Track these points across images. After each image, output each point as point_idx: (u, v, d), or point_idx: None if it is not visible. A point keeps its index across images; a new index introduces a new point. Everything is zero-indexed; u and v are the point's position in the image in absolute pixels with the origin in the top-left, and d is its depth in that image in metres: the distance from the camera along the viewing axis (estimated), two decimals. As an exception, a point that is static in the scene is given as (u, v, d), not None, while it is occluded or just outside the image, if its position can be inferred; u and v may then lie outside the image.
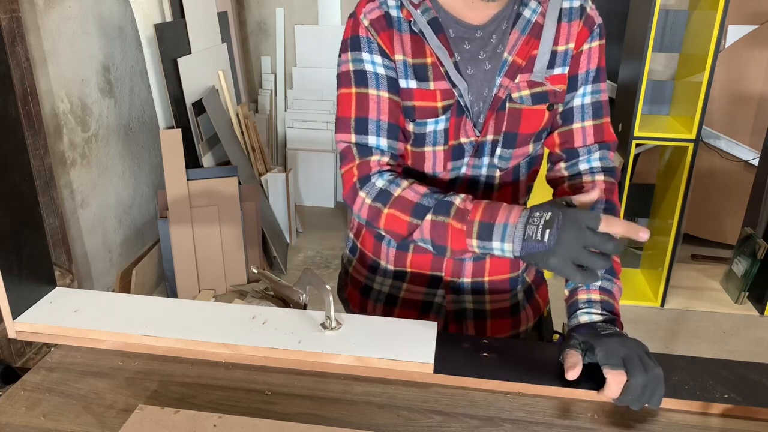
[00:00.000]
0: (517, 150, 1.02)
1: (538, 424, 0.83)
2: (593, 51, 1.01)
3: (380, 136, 0.98)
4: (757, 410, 0.85)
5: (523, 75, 0.98)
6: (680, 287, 3.16)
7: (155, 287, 3.05)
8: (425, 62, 0.97)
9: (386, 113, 0.98)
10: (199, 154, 3.00)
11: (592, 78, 1.02)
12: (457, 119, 0.98)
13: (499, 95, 0.97)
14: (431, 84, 0.97)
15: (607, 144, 1.04)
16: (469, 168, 1.02)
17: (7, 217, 0.95)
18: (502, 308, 1.14)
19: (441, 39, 0.96)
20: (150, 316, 1.00)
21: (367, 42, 0.97)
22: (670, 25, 2.78)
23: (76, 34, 2.54)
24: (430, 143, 1.00)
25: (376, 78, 0.98)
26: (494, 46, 0.98)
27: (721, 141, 3.39)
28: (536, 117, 1.00)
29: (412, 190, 0.94)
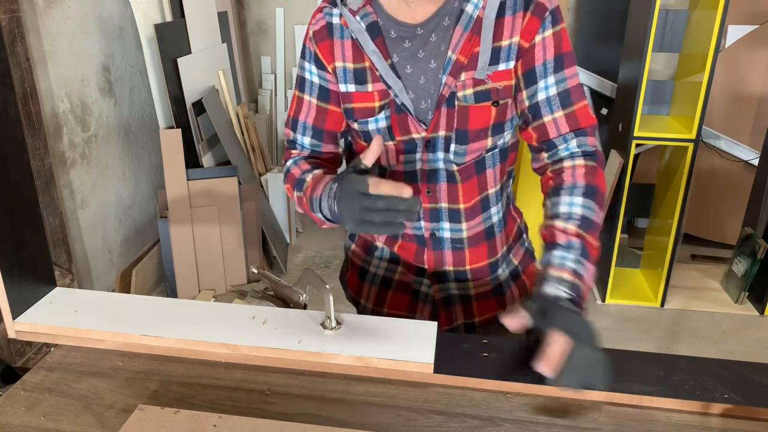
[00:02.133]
0: (472, 145, 1.04)
1: (538, 424, 0.83)
2: (547, 41, 0.98)
3: (305, 136, 1.12)
4: (757, 410, 0.85)
5: (468, 73, 0.99)
6: (680, 287, 3.16)
7: (155, 287, 3.05)
8: (364, 66, 1.03)
9: (312, 118, 1.11)
10: (199, 154, 3.00)
11: (552, 69, 0.99)
12: (399, 116, 1.03)
13: (443, 93, 1.00)
14: (369, 86, 1.03)
15: (583, 130, 1.02)
16: (425, 162, 1.06)
17: (7, 217, 0.95)
18: (485, 291, 1.18)
19: (378, 42, 1.01)
20: (150, 316, 1.00)
21: (309, 52, 1.07)
22: (670, 25, 2.78)
23: (76, 34, 2.54)
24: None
25: (310, 86, 1.09)
26: (436, 44, 0.99)
27: (721, 141, 3.39)
28: (483, 113, 1.01)
29: (299, 168, 1.09)
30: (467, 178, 1.07)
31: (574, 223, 0.96)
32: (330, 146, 1.14)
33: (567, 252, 0.93)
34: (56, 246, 2.38)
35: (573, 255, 0.93)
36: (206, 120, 3.03)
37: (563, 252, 0.93)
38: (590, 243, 0.95)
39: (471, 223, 1.10)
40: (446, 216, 1.09)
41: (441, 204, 1.09)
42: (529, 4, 0.96)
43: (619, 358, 0.93)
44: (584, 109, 1.03)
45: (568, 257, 0.93)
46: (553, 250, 0.95)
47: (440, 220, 1.10)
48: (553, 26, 0.98)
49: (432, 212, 1.09)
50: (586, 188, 0.99)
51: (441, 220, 1.10)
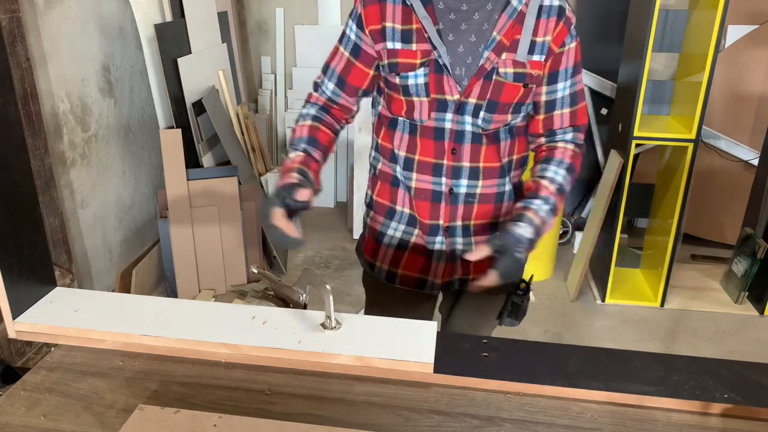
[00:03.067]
0: (497, 116, 1.20)
1: (538, 424, 0.83)
2: (572, 51, 1.21)
3: (330, 81, 1.28)
4: (757, 410, 0.85)
5: (509, 54, 1.16)
6: (680, 287, 3.16)
7: (155, 287, 3.05)
8: (411, 28, 1.17)
9: (341, 67, 1.27)
10: (199, 154, 3.00)
11: (570, 74, 1.22)
12: (437, 76, 1.17)
13: (485, 66, 1.16)
14: (414, 45, 1.17)
15: (578, 127, 1.27)
16: (454, 123, 1.21)
17: (7, 217, 0.95)
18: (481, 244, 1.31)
19: (428, 10, 1.15)
20: (150, 316, 1.00)
21: (355, 12, 1.22)
22: (670, 25, 2.78)
23: (76, 34, 2.54)
24: (414, 94, 1.20)
25: (347, 40, 1.25)
26: (479, 22, 1.16)
27: (721, 141, 3.39)
28: (514, 91, 1.19)
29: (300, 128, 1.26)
30: (490, 143, 1.23)
31: (554, 186, 1.21)
32: (349, 98, 1.29)
33: (544, 204, 1.18)
34: (56, 246, 2.38)
35: (547, 207, 1.18)
36: (206, 120, 3.03)
37: (541, 203, 1.18)
38: (559, 205, 1.21)
39: (486, 182, 1.25)
40: (466, 173, 1.24)
41: (463, 163, 1.23)
42: (561, 15, 1.17)
43: (619, 358, 0.94)
44: (583, 109, 1.27)
45: (543, 208, 1.18)
46: (536, 198, 1.19)
47: (460, 177, 1.24)
48: (575, 39, 1.20)
49: (454, 169, 1.23)
50: (569, 166, 1.24)
51: (461, 177, 1.24)
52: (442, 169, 1.24)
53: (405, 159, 1.27)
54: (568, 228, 3.65)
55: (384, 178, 1.33)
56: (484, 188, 1.26)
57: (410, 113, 1.23)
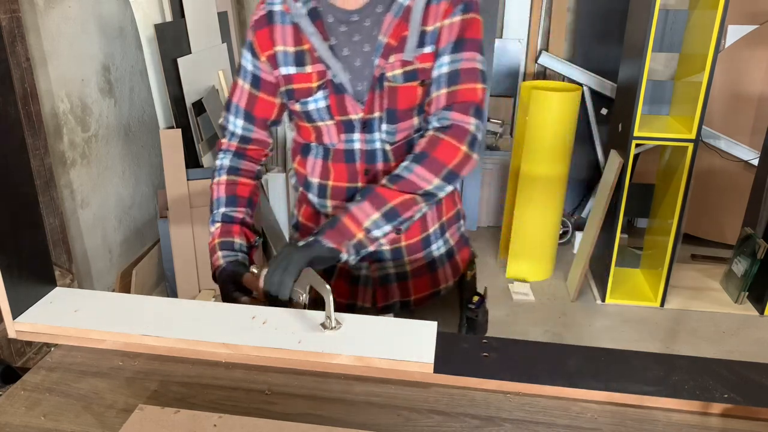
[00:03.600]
0: (401, 124, 1.12)
1: (538, 424, 0.83)
2: (454, 25, 1.06)
3: (237, 117, 1.21)
4: (757, 410, 0.85)
5: (397, 55, 1.08)
6: (680, 287, 3.16)
7: (155, 287, 3.05)
8: (303, 49, 1.11)
9: (244, 102, 1.19)
10: (199, 154, 3.00)
11: (450, 49, 1.06)
12: (337, 96, 1.11)
13: (375, 75, 1.09)
14: (308, 67, 1.11)
15: (453, 105, 1.07)
16: (363, 143, 1.14)
17: (7, 217, 0.95)
18: (420, 266, 1.25)
19: (318, 26, 1.09)
20: (150, 316, 1.00)
21: (248, 43, 1.16)
22: (670, 25, 2.78)
23: (76, 34, 2.54)
24: (318, 119, 1.14)
25: (245, 72, 1.18)
26: (369, 29, 1.08)
27: (721, 141, 3.39)
28: (410, 93, 1.09)
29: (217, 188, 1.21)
30: (399, 158, 1.13)
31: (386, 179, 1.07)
32: (261, 132, 1.23)
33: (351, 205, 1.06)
34: (56, 246, 2.38)
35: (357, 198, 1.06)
36: (206, 120, 3.03)
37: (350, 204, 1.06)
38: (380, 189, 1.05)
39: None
40: None
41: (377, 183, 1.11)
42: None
43: (619, 358, 0.94)
44: (469, 90, 1.07)
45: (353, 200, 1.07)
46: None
47: None
48: (463, 13, 1.06)
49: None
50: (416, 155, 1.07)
51: None
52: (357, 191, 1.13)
53: (318, 186, 1.20)
54: (568, 228, 3.65)
55: (306, 202, 1.26)
56: None
57: (320, 138, 1.17)
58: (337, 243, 1.03)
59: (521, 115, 3.25)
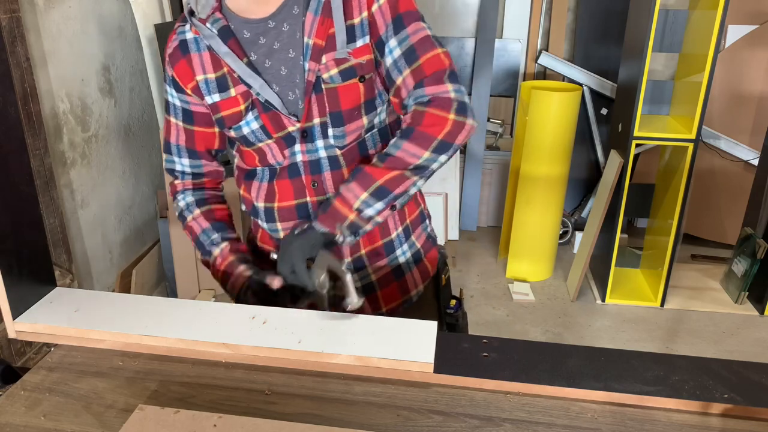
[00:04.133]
0: (349, 126, 1.06)
1: (538, 424, 0.83)
2: (383, 8, 1.00)
3: (181, 157, 1.16)
4: (757, 410, 0.85)
5: (328, 54, 1.01)
6: (680, 287, 3.16)
7: (155, 287, 3.05)
8: (224, 72, 1.04)
9: (183, 139, 1.14)
10: (199, 154, 3.00)
11: (392, 31, 1.00)
12: (269, 114, 1.04)
13: (309, 80, 1.01)
14: (232, 91, 1.04)
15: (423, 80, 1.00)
16: (305, 154, 1.07)
17: (7, 217, 0.95)
18: (385, 275, 1.18)
19: (231, 44, 1.01)
20: (150, 316, 1.00)
21: (168, 76, 1.11)
22: (670, 25, 2.78)
23: (76, 34, 2.54)
24: (256, 141, 1.08)
25: (174, 108, 1.12)
26: (290, 33, 1.01)
27: (721, 141, 3.39)
28: (352, 92, 1.03)
29: (196, 223, 1.16)
30: (351, 161, 1.08)
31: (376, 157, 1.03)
32: (209, 164, 1.18)
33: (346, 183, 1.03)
34: (56, 246, 2.38)
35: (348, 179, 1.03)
36: (206, 120, 3.03)
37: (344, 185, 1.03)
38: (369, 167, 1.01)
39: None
40: None
41: (328, 194, 1.09)
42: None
43: (619, 358, 0.94)
44: (433, 59, 1.00)
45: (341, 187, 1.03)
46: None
47: None
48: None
49: (320, 205, 1.07)
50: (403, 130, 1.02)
51: None
52: (307, 207, 1.10)
53: (265, 210, 1.14)
54: (568, 228, 3.65)
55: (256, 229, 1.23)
56: None
57: (264, 160, 1.11)
58: (330, 226, 1.01)
59: (521, 115, 3.25)
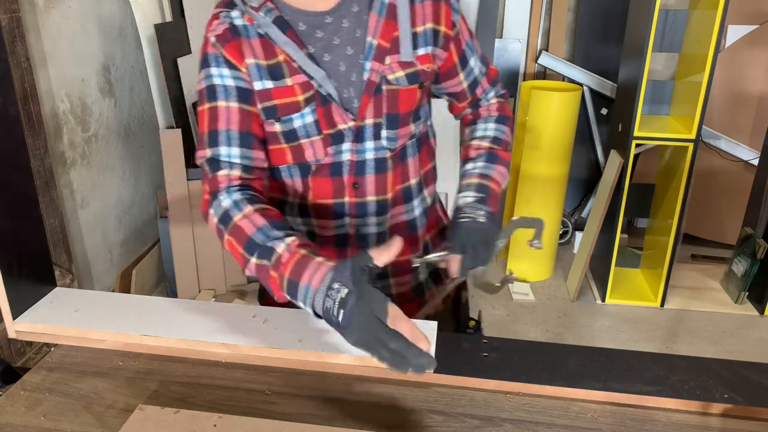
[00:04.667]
0: (401, 130, 1.06)
1: (538, 424, 0.83)
2: (461, 24, 1.08)
3: (231, 146, 0.99)
4: (757, 410, 0.85)
5: (392, 57, 1.00)
6: (680, 287, 3.16)
7: (155, 287, 3.05)
8: (278, 61, 0.99)
9: (236, 123, 0.99)
10: (199, 154, 3.00)
11: (472, 46, 1.12)
12: (325, 108, 1.00)
13: (372, 79, 0.99)
14: (288, 80, 0.99)
15: (495, 81, 1.19)
16: (353, 153, 1.04)
17: (7, 217, 0.95)
18: (406, 291, 1.16)
19: (289, 35, 0.98)
20: (150, 316, 1.00)
21: (214, 57, 0.99)
22: (670, 25, 2.78)
23: (76, 34, 2.54)
24: (303, 136, 1.02)
25: (224, 90, 0.99)
26: (350, 30, 0.99)
27: (721, 141, 3.39)
28: (411, 96, 1.04)
29: (249, 221, 0.93)
30: (396, 165, 1.07)
31: (486, 141, 1.15)
32: (260, 155, 1.03)
33: (476, 162, 1.12)
34: (56, 246, 2.38)
35: (482, 162, 1.12)
36: (206, 120, 3.03)
37: (473, 163, 1.12)
38: (499, 152, 1.14)
39: (394, 212, 1.10)
40: (373, 210, 1.07)
41: (368, 198, 1.06)
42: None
43: (619, 358, 0.94)
44: (489, 62, 1.19)
45: (477, 165, 1.12)
46: (466, 164, 1.14)
47: (366, 215, 1.07)
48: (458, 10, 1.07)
49: (358, 206, 1.06)
50: (498, 117, 1.18)
51: (367, 214, 1.07)
52: (344, 207, 1.06)
53: (299, 206, 1.09)
54: (568, 228, 3.65)
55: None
56: (392, 219, 1.10)
57: (299, 157, 1.04)
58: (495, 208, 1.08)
59: (521, 115, 3.25)
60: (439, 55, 1.05)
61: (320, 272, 0.81)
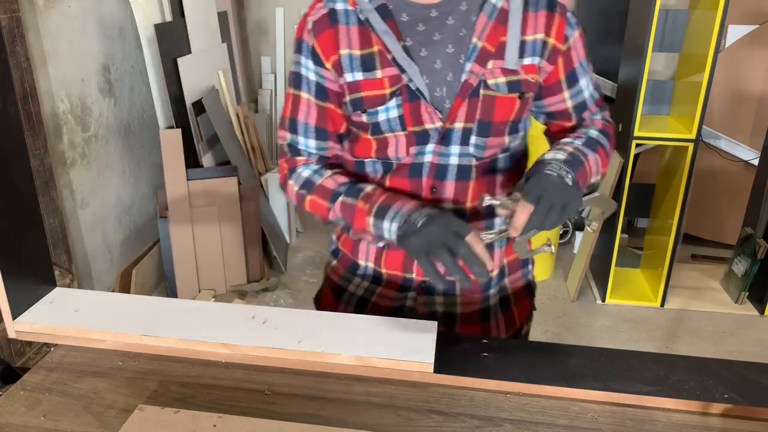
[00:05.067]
0: (492, 139, 1.01)
1: (538, 424, 0.83)
2: (578, 41, 1.02)
3: (308, 138, 1.05)
4: (757, 410, 0.85)
5: (495, 62, 0.96)
6: (680, 287, 3.16)
7: (155, 287, 3.05)
8: (372, 51, 0.97)
9: (314, 118, 1.04)
10: (199, 154, 3.00)
11: (586, 66, 1.05)
12: (412, 104, 0.97)
13: (470, 82, 0.96)
14: (378, 72, 0.97)
15: (603, 107, 1.11)
16: (436, 156, 1.00)
17: (7, 217, 0.95)
18: (471, 312, 1.12)
19: (389, 24, 0.95)
20: (150, 316, 1.00)
21: (306, 46, 1.01)
22: (670, 25, 2.78)
23: (76, 34, 2.54)
24: (387, 130, 1.00)
25: (307, 83, 1.02)
26: (454, 28, 0.96)
27: (721, 141, 3.39)
28: (509, 105, 0.99)
29: (332, 180, 1.02)
30: (480, 176, 1.03)
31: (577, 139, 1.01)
32: (335, 148, 1.06)
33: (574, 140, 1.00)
34: (56, 246, 2.38)
35: (580, 142, 1.00)
36: (206, 120, 3.03)
37: (571, 139, 1.00)
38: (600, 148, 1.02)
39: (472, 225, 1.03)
40: None
41: (445, 204, 1.03)
42: (552, 6, 0.97)
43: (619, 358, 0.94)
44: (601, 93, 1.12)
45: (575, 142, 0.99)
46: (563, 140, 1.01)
47: None
48: (577, 26, 1.01)
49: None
50: (602, 129, 1.06)
51: None
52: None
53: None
54: (569, 228, 3.65)
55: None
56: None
57: (382, 152, 1.02)
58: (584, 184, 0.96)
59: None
60: (544, 68, 1.00)
61: (413, 203, 0.93)
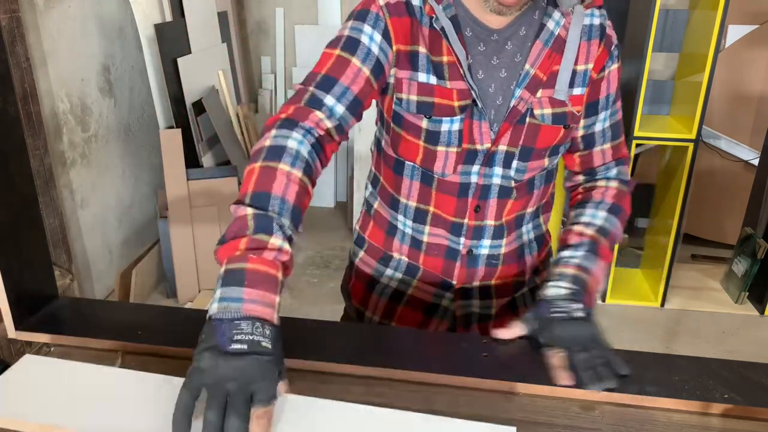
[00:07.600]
0: (533, 163, 1.01)
1: (538, 424, 0.83)
2: (612, 74, 1.00)
3: (340, 101, 0.90)
4: (757, 410, 0.85)
5: (545, 90, 0.96)
6: (680, 287, 3.16)
7: (155, 287, 3.05)
8: (441, 60, 0.93)
9: (358, 87, 0.91)
10: (199, 154, 3.00)
11: (612, 101, 1.02)
12: (471, 122, 0.96)
13: (518, 108, 0.95)
14: (448, 83, 0.94)
15: (622, 160, 1.08)
16: (481, 177, 1.01)
17: (7, 218, 0.95)
18: (503, 306, 1.15)
19: (459, 38, 0.93)
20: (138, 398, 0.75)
21: (375, 18, 0.92)
22: (670, 25, 2.78)
23: (76, 34, 2.54)
24: (444, 143, 0.98)
25: (365, 52, 0.91)
26: (511, 53, 0.95)
27: (721, 141, 3.39)
28: (553, 134, 0.99)
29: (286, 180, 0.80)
30: (520, 196, 1.04)
31: (591, 229, 1.00)
32: (352, 125, 0.95)
33: (576, 251, 0.97)
34: (56, 246, 2.38)
35: (582, 252, 0.96)
36: (206, 120, 3.03)
37: (572, 251, 0.97)
38: (603, 245, 0.98)
39: (509, 238, 1.08)
40: (490, 233, 1.05)
41: (487, 221, 1.04)
42: (603, 35, 0.97)
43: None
44: (623, 144, 1.08)
45: (576, 254, 0.96)
46: (564, 250, 0.98)
47: (482, 237, 1.05)
48: (617, 61, 1.00)
49: (476, 229, 1.05)
50: (612, 206, 1.04)
51: (483, 237, 1.05)
52: (462, 228, 1.04)
53: (416, 210, 1.06)
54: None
55: (379, 223, 1.13)
56: (508, 246, 1.08)
57: (429, 162, 1.00)
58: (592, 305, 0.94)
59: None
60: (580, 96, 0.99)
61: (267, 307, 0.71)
